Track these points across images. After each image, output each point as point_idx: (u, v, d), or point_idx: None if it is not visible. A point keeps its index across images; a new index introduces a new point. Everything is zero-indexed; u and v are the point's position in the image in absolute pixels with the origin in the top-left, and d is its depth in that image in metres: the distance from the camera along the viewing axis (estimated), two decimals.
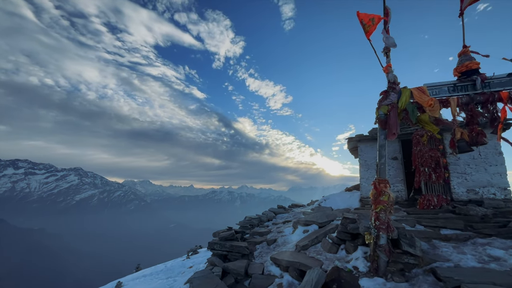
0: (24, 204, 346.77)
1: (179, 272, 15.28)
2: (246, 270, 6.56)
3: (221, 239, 8.25)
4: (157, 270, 18.77)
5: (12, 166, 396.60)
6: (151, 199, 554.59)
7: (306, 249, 7.21)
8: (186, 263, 17.72)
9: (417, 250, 5.24)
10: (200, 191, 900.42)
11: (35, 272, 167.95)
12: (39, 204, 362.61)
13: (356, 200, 11.98)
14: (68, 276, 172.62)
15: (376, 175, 5.69)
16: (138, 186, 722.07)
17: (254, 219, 11.83)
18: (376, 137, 11.32)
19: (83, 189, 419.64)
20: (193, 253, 21.83)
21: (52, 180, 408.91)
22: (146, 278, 17.32)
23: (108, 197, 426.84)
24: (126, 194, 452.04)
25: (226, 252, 7.85)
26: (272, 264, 6.72)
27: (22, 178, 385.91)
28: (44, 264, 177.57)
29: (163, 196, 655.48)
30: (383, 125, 5.67)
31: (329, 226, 8.41)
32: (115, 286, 16.66)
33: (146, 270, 20.35)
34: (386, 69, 5.91)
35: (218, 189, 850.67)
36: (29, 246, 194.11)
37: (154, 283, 14.60)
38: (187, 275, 13.27)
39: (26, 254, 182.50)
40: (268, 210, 14.78)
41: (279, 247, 8.36)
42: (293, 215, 13.39)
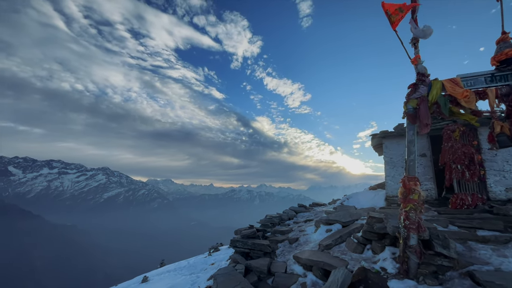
0: (58, 202, 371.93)
1: (202, 269, 15.63)
2: (268, 268, 6.53)
3: (243, 237, 8.29)
4: (180, 266, 19.35)
5: (47, 166, 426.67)
6: (173, 197, 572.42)
7: (330, 248, 7.05)
8: (208, 260, 18.09)
9: (452, 252, 4.92)
10: (219, 190, 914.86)
11: (69, 266, 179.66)
12: (71, 201, 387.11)
13: (381, 199, 11.53)
14: (98, 271, 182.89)
15: (405, 172, 5.42)
16: (161, 185, 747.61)
17: (275, 217, 11.77)
18: (402, 133, 10.82)
19: (110, 187, 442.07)
20: (214, 250, 22.22)
21: (83, 179, 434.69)
22: (170, 273, 17.92)
23: (133, 196, 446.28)
24: (150, 193, 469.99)
25: (248, 250, 7.87)
26: (295, 263, 6.64)
27: (56, 177, 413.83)
28: (76, 259, 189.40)
29: (184, 194, 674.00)
30: (412, 119, 5.38)
31: (353, 225, 8.16)
32: (141, 281, 17.39)
33: (170, 266, 21.05)
34: (414, 60, 5.59)
35: (237, 188, 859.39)
36: (63, 241, 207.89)
37: (178, 278, 15.06)
38: (210, 272, 13.53)
39: (60, 249, 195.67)
40: (289, 208, 14.66)
41: (301, 246, 8.25)
42: (315, 214, 13.17)
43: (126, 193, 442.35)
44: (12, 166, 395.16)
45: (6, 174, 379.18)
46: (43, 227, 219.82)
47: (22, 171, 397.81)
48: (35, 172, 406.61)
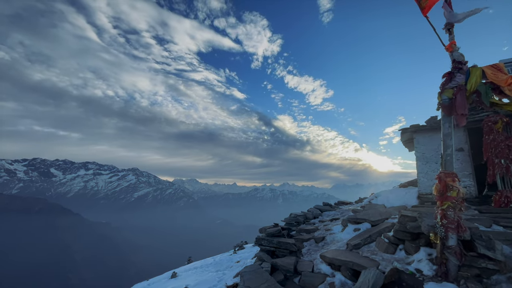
0: (94, 201, 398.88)
1: (227, 266, 15.89)
2: (295, 267, 6.45)
3: (268, 235, 8.26)
4: (206, 263, 19.85)
5: (83, 168, 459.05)
6: (198, 196, 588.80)
7: (359, 248, 6.79)
8: (234, 257, 18.37)
9: (498, 254, 4.50)
10: (243, 189, 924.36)
11: (104, 261, 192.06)
12: (105, 200, 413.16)
13: (413, 197, 10.90)
14: (130, 266, 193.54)
15: (441, 168, 5.05)
16: (186, 184, 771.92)
17: (299, 216, 11.61)
18: (435, 127, 10.13)
19: (139, 187, 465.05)
20: (239, 248, 22.49)
21: (115, 180, 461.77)
22: (197, 270, 18.44)
23: (160, 195, 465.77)
24: (176, 192, 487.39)
25: (273, 248, 7.83)
26: (322, 262, 6.48)
27: (92, 178, 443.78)
28: (110, 254, 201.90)
29: (208, 193, 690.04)
30: (448, 111, 4.99)
31: (383, 224, 7.79)
32: (170, 276, 18.08)
33: (197, 263, 21.68)
34: (449, 47, 5.19)
35: (260, 186, 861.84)
36: (99, 237, 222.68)
37: (205, 275, 15.44)
38: (235, 269, 13.71)
39: (96, 244, 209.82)
40: (314, 207, 14.39)
41: (328, 245, 8.05)
42: (341, 213, 12.80)
43: (154, 193, 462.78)
44: (53, 168, 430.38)
45: (49, 175, 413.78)
46: (81, 224, 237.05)
47: (62, 173, 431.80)
48: (73, 173, 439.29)
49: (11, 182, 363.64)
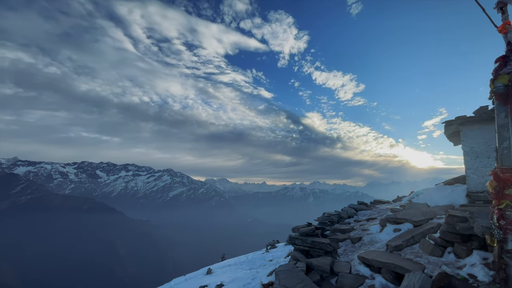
0: (134, 200, 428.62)
1: (260, 265, 16.03)
2: (331, 267, 6.28)
3: (302, 235, 8.15)
4: (240, 261, 20.23)
5: (124, 170, 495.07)
6: (229, 195, 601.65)
7: (400, 249, 6.39)
8: (266, 256, 18.47)
9: None
10: (272, 188, 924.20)
11: (144, 255, 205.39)
12: (144, 200, 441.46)
13: (460, 195, 9.96)
14: (168, 261, 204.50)
15: (496, 163, 4.54)
16: (217, 184, 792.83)
17: (333, 215, 11.28)
18: (486, 118, 9.13)
19: (174, 187, 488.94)
20: (271, 247, 22.54)
21: (152, 180, 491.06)
22: (231, 267, 18.89)
23: (194, 194, 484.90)
24: (208, 191, 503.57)
25: (307, 248, 7.71)
26: (360, 264, 6.23)
27: (132, 179, 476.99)
28: (150, 249, 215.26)
29: (239, 193, 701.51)
30: (503, 100, 4.46)
31: (427, 225, 7.25)
32: (206, 272, 18.73)
33: (230, 260, 22.19)
34: (502, 28, 4.63)
35: (290, 185, 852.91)
36: (139, 234, 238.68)
37: (239, 272, 15.76)
38: (268, 268, 13.76)
39: (137, 240, 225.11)
40: (348, 206, 13.88)
41: (365, 246, 7.71)
42: (378, 212, 12.17)
43: (188, 192, 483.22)
44: (99, 170, 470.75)
45: (95, 177, 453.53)
46: (124, 222, 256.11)
47: (106, 174, 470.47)
48: (116, 174, 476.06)
49: (64, 183, 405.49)
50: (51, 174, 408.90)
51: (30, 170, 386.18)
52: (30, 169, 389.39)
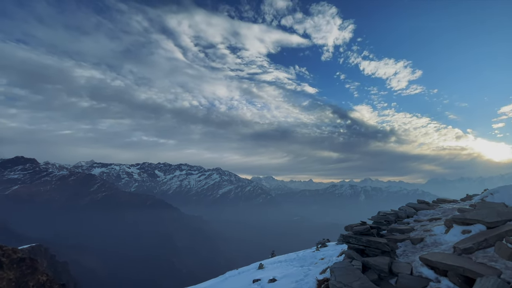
0: (188, 197, 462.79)
1: (311, 262, 16.05)
2: (389, 267, 6.09)
3: (356, 233, 8.01)
4: (290, 258, 20.50)
5: (178, 169, 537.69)
6: (275, 193, 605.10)
7: (471, 253, 5.86)
8: (317, 254, 18.36)
9: None
10: (319, 186, 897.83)
11: (198, 249, 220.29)
12: (196, 197, 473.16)
13: None
14: (220, 255, 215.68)
15: None
16: (263, 181, 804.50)
17: (389, 214, 10.70)
18: None
19: (223, 185, 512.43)
20: (322, 245, 22.24)
21: (203, 179, 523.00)
22: (282, 263, 19.27)
23: (241, 192, 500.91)
24: (255, 189, 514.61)
25: (362, 247, 7.56)
26: (423, 265, 5.90)
27: (185, 178, 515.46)
28: (203, 243, 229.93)
29: (285, 190, 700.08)
30: None
31: (504, 227, 6.45)
32: (258, 267, 19.46)
33: (280, 257, 22.60)
34: None
35: (338, 183, 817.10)
36: (193, 228, 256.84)
37: (290, 269, 16.04)
38: (320, 266, 13.72)
39: (192, 234, 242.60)
40: (406, 205, 12.95)
41: (428, 247, 7.22)
42: (442, 212, 11.11)
43: (235, 190, 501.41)
44: (157, 170, 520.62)
45: (154, 176, 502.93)
46: (180, 217, 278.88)
47: (163, 174, 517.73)
48: (171, 174, 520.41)
49: (130, 182, 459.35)
50: (119, 174, 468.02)
51: (103, 171, 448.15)
52: (103, 170, 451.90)
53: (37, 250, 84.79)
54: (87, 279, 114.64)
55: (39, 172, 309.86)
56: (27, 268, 47.80)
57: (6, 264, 44.71)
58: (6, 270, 43.89)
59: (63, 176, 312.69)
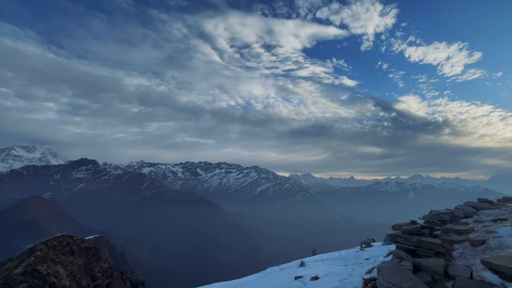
0: (227, 194, 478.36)
1: (355, 262, 15.49)
2: (445, 270, 5.67)
3: (405, 233, 7.56)
4: (332, 256, 20.04)
5: (218, 168, 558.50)
6: (314, 190, 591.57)
7: None
8: (361, 254, 17.65)
9: None
10: (361, 183, 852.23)
11: (239, 244, 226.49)
12: (236, 194, 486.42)
13: None
14: (260, 252, 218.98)
15: None
16: (301, 179, 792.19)
17: (444, 214, 9.83)
18: None
19: (261, 182, 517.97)
20: (366, 245, 21.30)
21: (241, 176, 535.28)
22: (324, 262, 18.94)
23: (279, 189, 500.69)
24: (293, 187, 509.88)
25: (413, 247, 7.12)
26: (485, 269, 5.37)
27: (224, 176, 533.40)
28: (243, 239, 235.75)
29: (324, 188, 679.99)
30: None
31: None
32: (299, 265, 19.45)
33: (322, 255, 22.22)
34: None
35: (383, 180, 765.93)
36: (233, 225, 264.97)
37: (333, 268, 15.70)
38: (365, 266, 13.19)
39: (232, 230, 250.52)
40: (464, 204, 11.73)
41: (491, 250, 6.50)
42: (509, 212, 9.83)
43: (273, 187, 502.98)
44: (198, 169, 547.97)
45: (196, 174, 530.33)
46: (221, 214, 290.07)
47: (204, 172, 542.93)
48: (211, 172, 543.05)
49: (175, 180, 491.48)
50: (165, 173, 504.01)
51: (152, 170, 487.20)
52: (152, 169, 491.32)
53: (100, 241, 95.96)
54: (140, 269, 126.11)
55: (99, 171, 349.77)
56: (92, 256, 54.43)
57: (76, 252, 51.49)
58: (76, 257, 50.58)
59: (118, 175, 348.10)
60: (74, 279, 46.35)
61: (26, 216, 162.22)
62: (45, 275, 40.55)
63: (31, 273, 39.62)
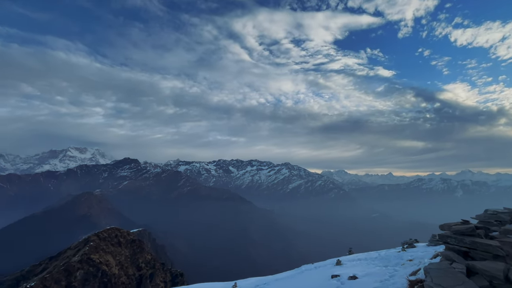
0: (259, 191, 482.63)
1: (397, 263, 14.58)
2: (506, 275, 5.09)
3: (456, 233, 6.93)
4: (371, 256, 19.11)
5: (249, 165, 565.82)
6: (348, 188, 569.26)
7: None
8: (403, 255, 16.56)
9: None
10: (401, 179, 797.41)
11: (272, 241, 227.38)
12: (267, 191, 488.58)
13: None
14: (293, 249, 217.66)
15: None
16: (335, 176, 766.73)
17: (502, 213, 8.79)
18: None
19: (293, 179, 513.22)
20: (409, 246, 19.99)
21: (272, 174, 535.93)
22: (362, 262, 18.16)
23: (311, 186, 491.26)
24: (326, 184, 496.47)
25: (465, 249, 6.50)
26: None
27: (256, 173, 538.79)
28: (277, 237, 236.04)
29: (359, 185, 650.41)
30: None
31: None
32: (335, 263, 18.93)
33: (360, 255, 21.31)
34: None
35: (426, 176, 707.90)
36: (266, 222, 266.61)
37: (372, 268, 14.98)
38: (408, 268, 12.36)
39: (265, 227, 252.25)
40: None
41: None
42: None
43: (305, 184, 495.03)
44: (231, 166, 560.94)
45: (228, 172, 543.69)
46: (253, 210, 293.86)
47: (236, 169, 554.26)
48: (243, 169, 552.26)
49: (209, 178, 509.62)
50: (199, 170, 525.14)
51: (187, 168, 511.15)
52: (187, 167, 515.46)
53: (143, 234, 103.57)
54: (179, 261, 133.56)
55: (141, 170, 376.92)
56: (137, 248, 59.02)
57: (123, 243, 56.23)
58: (123, 248, 55.28)
59: (157, 173, 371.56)
60: (122, 268, 50.83)
61: (81, 210, 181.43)
62: (98, 263, 45.09)
63: (86, 261, 44.33)
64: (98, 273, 44.07)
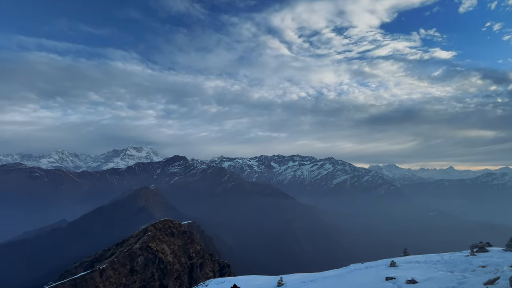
0: (302, 187, 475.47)
1: (465, 269, 12.84)
2: None
3: None
4: (431, 259, 17.21)
5: (291, 160, 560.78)
6: (400, 183, 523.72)
7: None
8: (472, 260, 14.54)
9: None
10: (464, 174, 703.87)
11: (316, 238, 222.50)
12: (310, 187, 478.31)
13: None
14: (338, 248, 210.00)
15: None
16: (384, 170, 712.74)
17: None
18: None
19: (337, 175, 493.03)
20: (479, 250, 17.57)
21: (315, 169, 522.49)
22: (421, 264, 16.45)
23: (358, 182, 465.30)
24: (374, 179, 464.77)
25: None
26: None
27: (298, 168, 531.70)
28: (321, 234, 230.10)
29: (414, 180, 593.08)
30: None
31: None
32: (389, 264, 17.55)
33: (418, 257, 19.33)
34: None
35: (497, 170, 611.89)
36: (310, 218, 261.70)
37: (434, 272, 13.45)
38: (481, 275, 10.77)
39: (309, 223, 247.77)
40: None
41: None
42: None
43: (351, 180, 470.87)
44: (272, 162, 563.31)
45: (270, 167, 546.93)
46: (296, 206, 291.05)
47: (278, 165, 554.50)
48: (285, 165, 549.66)
49: (251, 173, 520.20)
50: (242, 166, 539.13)
51: (230, 164, 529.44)
52: (230, 164, 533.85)
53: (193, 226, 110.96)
54: (225, 253, 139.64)
55: (189, 166, 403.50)
56: (188, 239, 63.41)
57: (176, 234, 60.91)
58: (176, 238, 59.89)
59: (203, 169, 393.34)
60: (175, 256, 55.29)
61: (140, 203, 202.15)
62: (155, 251, 49.79)
63: (146, 248, 49.31)
64: (156, 259, 48.71)
